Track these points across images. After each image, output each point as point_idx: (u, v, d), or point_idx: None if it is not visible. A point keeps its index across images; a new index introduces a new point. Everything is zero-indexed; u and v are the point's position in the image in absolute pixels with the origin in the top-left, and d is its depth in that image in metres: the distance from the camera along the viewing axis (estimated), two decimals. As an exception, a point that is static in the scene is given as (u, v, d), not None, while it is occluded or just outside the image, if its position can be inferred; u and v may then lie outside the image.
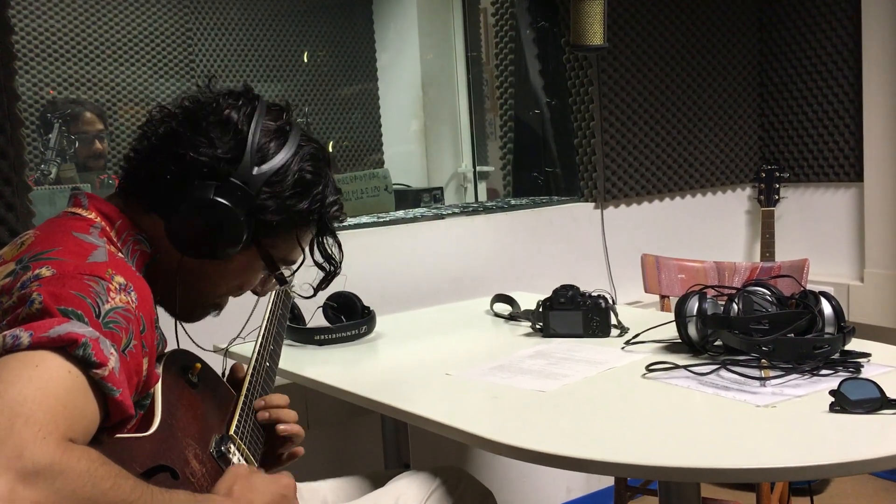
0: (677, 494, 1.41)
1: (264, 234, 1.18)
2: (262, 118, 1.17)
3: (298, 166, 1.18)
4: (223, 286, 1.23)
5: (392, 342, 2.01)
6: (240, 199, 1.13)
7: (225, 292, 1.25)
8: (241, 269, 1.21)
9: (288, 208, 1.17)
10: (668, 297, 2.47)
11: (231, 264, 1.19)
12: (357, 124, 4.13)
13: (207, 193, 1.12)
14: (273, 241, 1.20)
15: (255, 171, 1.14)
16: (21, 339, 0.89)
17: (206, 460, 1.12)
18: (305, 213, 1.19)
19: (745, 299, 1.62)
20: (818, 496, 2.84)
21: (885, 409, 1.27)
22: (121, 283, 1.01)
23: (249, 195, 1.14)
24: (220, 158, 1.14)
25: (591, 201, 2.93)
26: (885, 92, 2.86)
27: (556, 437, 1.30)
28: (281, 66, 3.91)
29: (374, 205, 2.76)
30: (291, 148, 1.18)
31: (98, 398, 0.92)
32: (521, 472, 2.72)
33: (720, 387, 1.44)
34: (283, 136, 1.18)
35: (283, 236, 1.20)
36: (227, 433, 1.20)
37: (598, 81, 2.86)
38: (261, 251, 1.20)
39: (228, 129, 1.15)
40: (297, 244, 1.23)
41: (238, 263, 1.19)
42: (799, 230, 3.22)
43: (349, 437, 2.42)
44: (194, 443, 1.12)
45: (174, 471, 1.03)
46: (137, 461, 0.98)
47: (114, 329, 0.96)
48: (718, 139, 3.19)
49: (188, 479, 1.05)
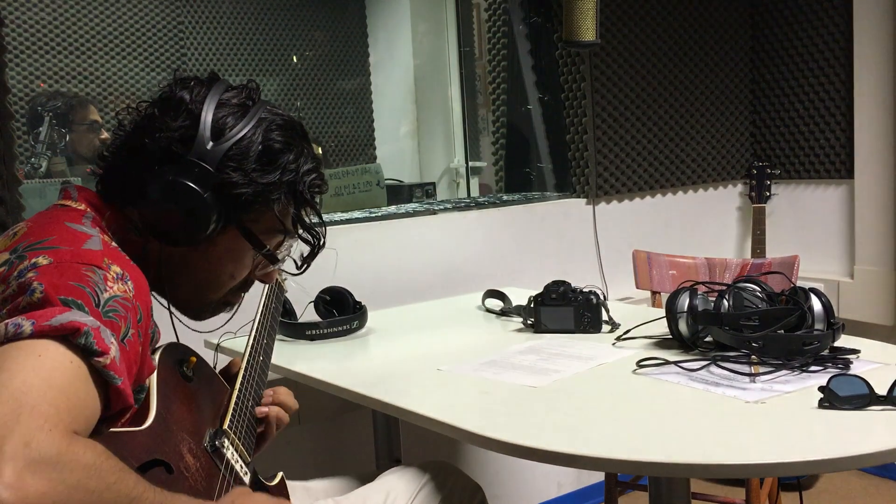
0: (667, 490, 1.42)
1: (241, 210, 1.16)
2: (217, 95, 1.16)
3: (264, 137, 1.16)
4: (217, 275, 1.21)
5: (384, 337, 2.01)
6: (200, 177, 1.11)
7: (223, 283, 1.23)
8: (228, 253, 1.19)
9: (256, 180, 1.15)
10: (659, 293, 2.48)
11: (216, 249, 1.18)
12: (349, 119, 4.12)
13: (167, 177, 1.12)
14: (253, 218, 1.18)
15: (209, 146, 1.12)
16: (23, 328, 0.88)
17: (201, 454, 1.12)
18: (278, 184, 1.17)
19: (735, 295, 1.63)
20: (807, 492, 2.86)
21: (874, 405, 1.28)
22: (117, 272, 1.01)
23: (209, 171, 1.12)
24: (173, 139, 1.13)
25: (582, 197, 2.93)
26: (876, 89, 2.87)
27: (546, 432, 1.31)
28: (273, 60, 3.90)
29: (366, 200, 2.75)
30: (252, 120, 1.16)
31: (99, 388, 0.92)
32: (511, 468, 2.72)
33: (710, 382, 1.44)
34: (243, 110, 1.17)
35: (261, 211, 1.17)
36: (221, 428, 1.20)
37: (591, 77, 2.86)
38: (242, 230, 1.18)
39: (181, 111, 1.14)
40: (276, 219, 1.19)
41: (223, 247, 1.18)
42: (790, 227, 3.23)
43: (340, 432, 2.42)
44: (188, 437, 1.12)
45: (169, 465, 1.03)
46: (133, 455, 0.98)
47: (113, 318, 0.96)
48: (710, 136, 3.20)
49: (182, 474, 1.05)
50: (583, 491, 2.91)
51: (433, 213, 2.65)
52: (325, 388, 1.65)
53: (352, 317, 2.01)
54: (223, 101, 1.16)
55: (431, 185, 3.12)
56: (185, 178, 1.11)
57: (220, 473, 1.13)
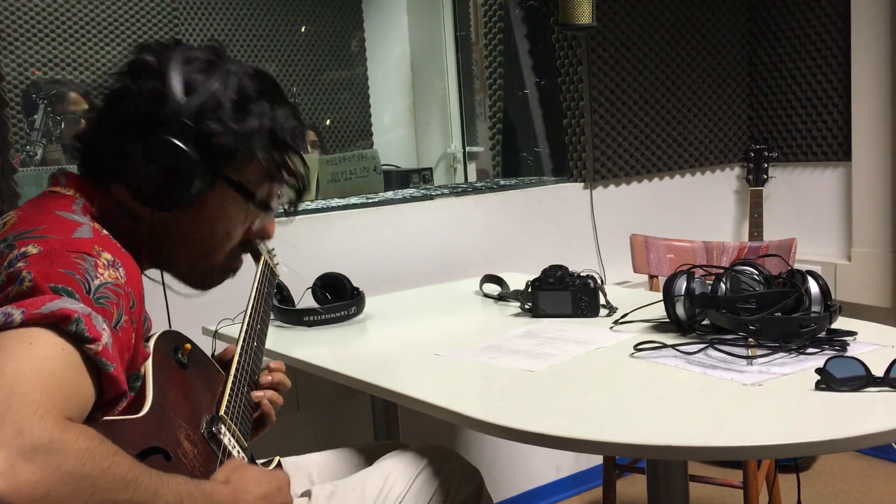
0: (665, 472, 1.42)
1: (225, 162, 1.15)
2: (182, 54, 1.15)
3: (238, 86, 1.15)
4: (213, 236, 1.20)
5: (381, 323, 2.01)
6: (177, 130, 1.10)
7: (220, 244, 1.21)
8: (220, 211, 1.18)
9: (235, 129, 1.14)
10: (656, 276, 2.48)
11: (207, 209, 1.17)
12: (346, 105, 4.11)
13: (145, 137, 1.11)
14: (238, 169, 1.17)
15: (182, 101, 1.11)
16: (13, 317, 0.88)
17: (198, 441, 1.12)
18: (258, 131, 1.16)
19: (732, 279, 1.63)
20: (804, 473, 2.87)
21: (871, 386, 1.28)
22: (108, 259, 1.00)
23: (186, 124, 1.11)
24: (144, 101, 1.12)
25: (580, 181, 2.93)
26: (874, 72, 2.87)
27: (545, 416, 1.31)
28: (267, 46, 3.89)
29: (363, 185, 2.75)
30: (221, 73, 1.15)
31: (92, 375, 0.92)
32: (510, 452, 2.73)
33: (707, 366, 1.45)
34: (211, 65, 1.16)
35: (245, 162, 1.16)
36: (218, 414, 1.20)
37: (588, 61, 2.85)
38: (229, 183, 1.17)
39: (148, 75, 1.13)
40: (261, 167, 1.18)
41: (214, 205, 1.17)
42: (787, 210, 3.23)
43: (339, 417, 2.42)
44: (185, 424, 1.12)
45: (167, 452, 1.03)
46: (130, 443, 0.98)
47: (105, 305, 0.95)
48: (707, 119, 3.19)
49: (180, 461, 1.05)
50: (581, 474, 2.92)
51: (430, 198, 2.64)
52: (324, 373, 1.65)
53: (349, 302, 2.01)
54: (190, 58, 1.15)
55: (428, 171, 3.11)
56: (162, 134, 1.10)
57: (218, 459, 1.13)
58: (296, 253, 2.29)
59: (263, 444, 1.38)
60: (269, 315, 1.55)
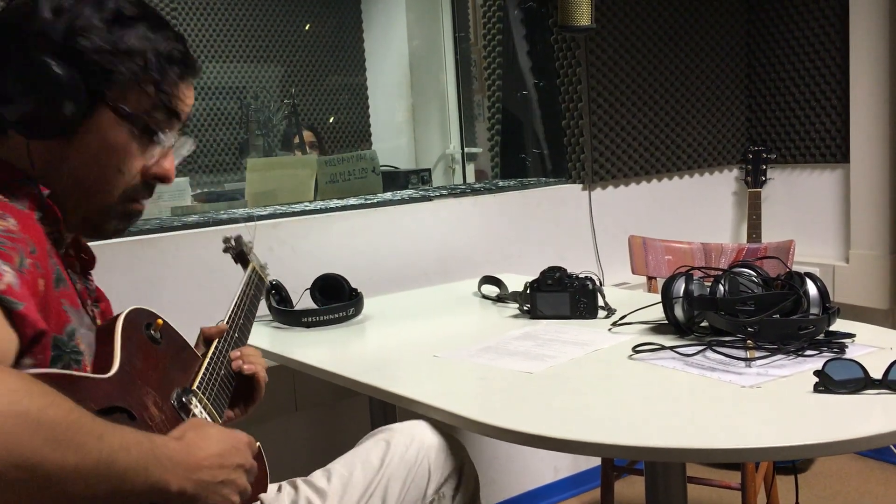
0: (663, 474, 1.42)
1: (102, 82, 1.07)
2: None
3: (113, 8, 1.09)
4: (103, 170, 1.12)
5: (380, 324, 2.01)
6: (44, 46, 1.04)
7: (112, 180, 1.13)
8: (103, 138, 1.10)
9: (109, 48, 1.07)
10: (655, 278, 2.48)
11: (91, 137, 1.09)
12: (345, 107, 4.11)
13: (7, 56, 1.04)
14: (118, 96, 1.09)
15: (50, 17, 1.05)
16: None
17: (167, 409, 1.10)
18: (137, 51, 1.09)
19: (731, 280, 1.63)
20: (802, 475, 2.87)
21: (869, 388, 1.28)
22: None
23: (53, 41, 1.04)
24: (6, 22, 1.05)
25: (578, 183, 2.93)
26: (872, 73, 2.87)
27: (543, 418, 1.31)
28: (267, 47, 3.89)
29: (361, 186, 2.75)
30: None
31: (6, 317, 0.89)
32: (508, 453, 2.73)
33: (706, 367, 1.45)
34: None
35: (125, 84, 1.09)
36: (190, 387, 1.18)
37: (586, 62, 2.85)
38: (111, 108, 1.09)
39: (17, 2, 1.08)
40: (144, 93, 1.10)
41: (98, 134, 1.09)
42: (785, 211, 3.23)
43: (336, 419, 2.42)
44: (154, 391, 1.09)
45: (131, 413, 1.01)
46: (92, 400, 0.95)
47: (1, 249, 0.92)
48: (706, 120, 3.19)
49: (146, 423, 1.03)
50: (579, 476, 2.92)
51: (429, 199, 2.64)
52: (322, 374, 1.65)
53: (348, 303, 2.01)
54: None
55: (427, 172, 3.11)
56: (28, 54, 1.03)
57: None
58: (294, 254, 2.29)
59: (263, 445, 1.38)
60: (253, 315, 1.55)
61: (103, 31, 1.08)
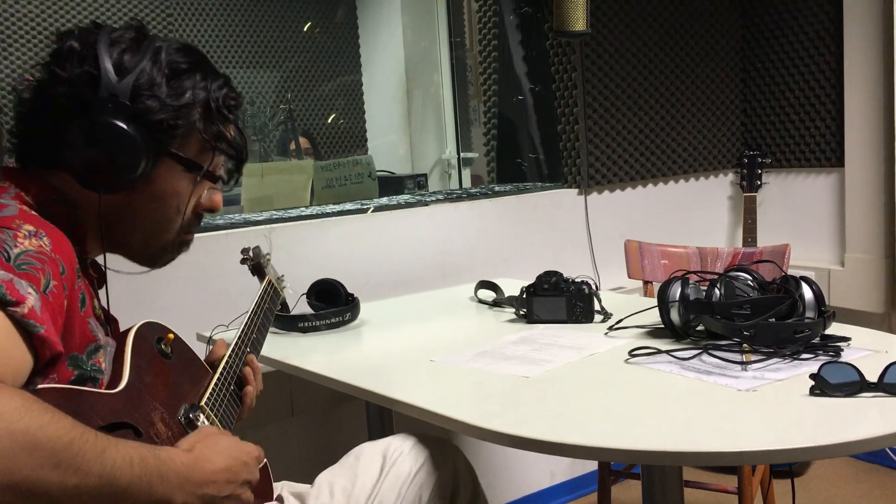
0: (660, 478, 1.43)
1: (166, 137, 1.15)
2: (107, 36, 1.15)
3: (168, 61, 1.15)
4: (165, 213, 1.20)
5: (376, 329, 2.01)
6: (116, 111, 1.10)
7: (172, 219, 1.21)
8: (167, 186, 1.18)
9: (172, 104, 1.14)
10: (651, 282, 2.49)
11: (155, 186, 1.17)
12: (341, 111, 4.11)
13: (84, 120, 1.10)
14: (180, 144, 1.17)
15: (116, 82, 1.11)
16: None
17: (173, 425, 1.11)
18: (194, 103, 1.16)
19: (726, 284, 1.63)
20: (799, 478, 2.88)
21: (864, 392, 1.28)
22: (29, 230, 1.00)
23: (123, 104, 1.11)
24: (78, 86, 1.11)
25: (574, 187, 2.93)
26: (866, 77, 2.88)
27: (539, 422, 1.31)
28: (263, 52, 3.89)
29: (357, 191, 2.75)
30: (150, 50, 1.15)
31: (24, 339, 0.91)
32: (504, 457, 2.73)
33: (702, 371, 1.45)
34: (137, 43, 1.16)
35: (185, 135, 1.17)
36: (198, 403, 1.19)
37: (582, 67, 2.86)
38: (174, 157, 1.17)
39: (74, 59, 1.13)
40: (202, 138, 1.19)
41: (160, 181, 1.17)
42: (780, 215, 3.24)
43: (333, 423, 2.42)
44: (161, 407, 1.10)
45: (137, 429, 1.02)
46: (99, 415, 0.97)
47: (28, 270, 0.95)
48: (701, 125, 3.20)
49: (152, 439, 1.04)
50: (576, 480, 2.92)
51: (425, 204, 2.65)
52: (318, 380, 1.65)
53: (344, 309, 2.01)
54: (115, 39, 1.15)
55: (423, 177, 3.12)
56: (102, 116, 1.10)
57: None
58: (290, 259, 2.29)
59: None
60: (266, 329, 1.55)
61: (163, 86, 1.14)
